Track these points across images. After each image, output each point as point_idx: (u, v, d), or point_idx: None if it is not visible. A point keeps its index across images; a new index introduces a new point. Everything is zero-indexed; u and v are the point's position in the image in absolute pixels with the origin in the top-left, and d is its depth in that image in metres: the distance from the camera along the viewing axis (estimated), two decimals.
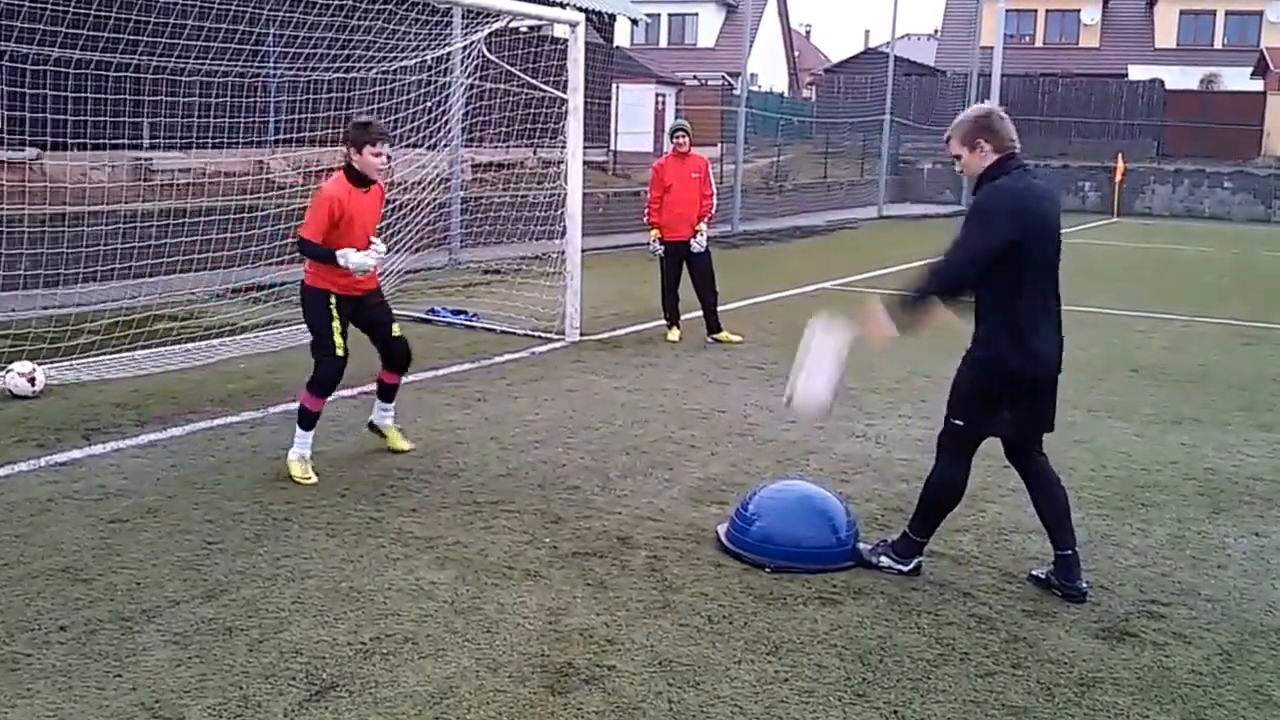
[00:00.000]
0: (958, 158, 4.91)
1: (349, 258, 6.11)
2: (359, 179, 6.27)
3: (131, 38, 10.51)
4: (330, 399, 6.88)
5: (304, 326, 6.52)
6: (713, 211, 11.03)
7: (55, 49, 9.78)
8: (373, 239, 6.34)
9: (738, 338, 10.94)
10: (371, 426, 6.91)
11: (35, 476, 6.12)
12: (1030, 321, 4.72)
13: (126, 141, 12.34)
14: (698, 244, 10.80)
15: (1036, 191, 4.79)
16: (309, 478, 6.14)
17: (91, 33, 9.77)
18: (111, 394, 7.94)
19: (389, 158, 6.47)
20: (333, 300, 6.24)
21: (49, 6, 9.71)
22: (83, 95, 10.35)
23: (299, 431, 6.27)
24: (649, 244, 11.10)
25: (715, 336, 10.91)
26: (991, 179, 4.78)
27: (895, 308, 4.68)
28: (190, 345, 9.36)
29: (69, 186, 11.37)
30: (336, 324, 6.24)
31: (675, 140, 10.94)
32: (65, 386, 8.04)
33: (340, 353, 6.25)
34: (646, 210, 11.10)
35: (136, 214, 11.00)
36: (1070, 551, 4.92)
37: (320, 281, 6.26)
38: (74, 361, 8.57)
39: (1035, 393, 4.86)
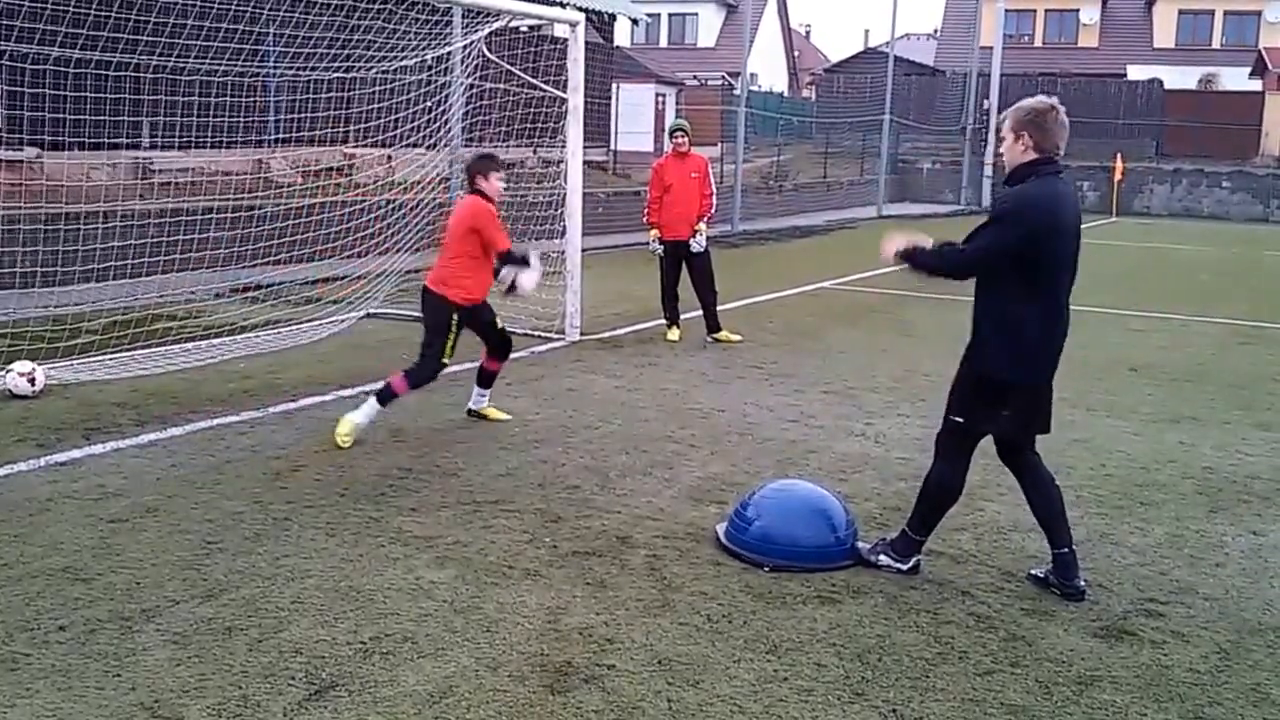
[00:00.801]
0: (1002, 140, 4.91)
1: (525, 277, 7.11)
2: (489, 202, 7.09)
3: (131, 37, 10.50)
4: (328, 398, 6.94)
5: (303, 326, 6.57)
6: (712, 211, 11.03)
7: (55, 48, 9.77)
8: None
9: (737, 337, 10.94)
10: (471, 413, 7.64)
11: (35, 476, 6.12)
12: (1031, 330, 4.73)
13: (126, 141, 12.33)
14: (697, 244, 10.80)
15: (1062, 201, 4.76)
16: (348, 441, 6.70)
17: (91, 32, 9.75)
18: (111, 394, 7.94)
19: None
20: (455, 316, 7.02)
21: (49, 6, 9.70)
22: (82, 95, 10.34)
23: (372, 402, 6.85)
24: (649, 244, 11.10)
25: (715, 336, 10.91)
26: (1022, 179, 4.76)
27: (912, 251, 4.90)
28: (190, 345, 9.35)
29: (69, 186, 11.37)
30: (453, 337, 7.04)
31: (675, 140, 10.94)
32: (65, 386, 8.04)
33: (447, 360, 7.04)
34: (646, 210, 11.10)
35: (136, 214, 10.99)
36: (1067, 550, 4.93)
37: (452, 293, 7.03)
38: (74, 361, 8.57)
39: (1031, 397, 4.87)
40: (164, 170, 14.09)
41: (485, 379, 7.66)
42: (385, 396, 6.89)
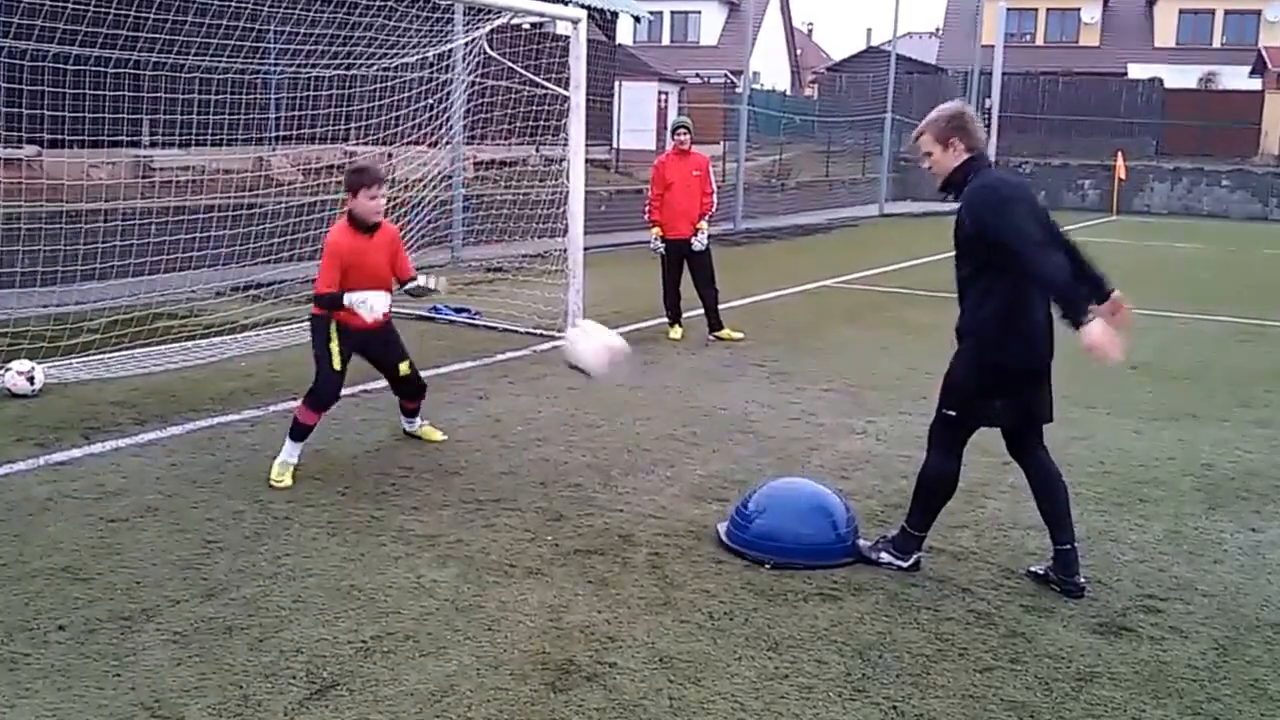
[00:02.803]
0: (928, 154, 4.90)
1: (355, 300, 6.24)
2: (361, 224, 6.39)
3: (131, 34, 10.50)
4: None
5: (304, 325, 6.55)
6: (713, 209, 11.03)
7: (54, 45, 9.77)
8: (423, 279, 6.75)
9: (739, 335, 10.94)
10: (407, 433, 7.14)
11: (34, 475, 6.12)
12: (1020, 310, 4.73)
13: (126, 139, 12.34)
14: (698, 242, 10.80)
15: (1016, 180, 4.94)
16: (283, 481, 6.07)
17: (91, 29, 9.75)
18: (111, 393, 7.94)
19: (387, 198, 6.54)
20: (333, 325, 6.34)
21: (48, 2, 9.70)
22: (82, 92, 10.34)
23: (289, 442, 6.25)
24: (650, 242, 11.10)
25: (717, 334, 10.91)
26: (963, 179, 4.80)
27: (1068, 295, 4.48)
28: (190, 344, 9.35)
29: (69, 184, 11.37)
30: (335, 345, 6.33)
31: (676, 137, 10.94)
32: (65, 385, 8.04)
33: (337, 367, 6.32)
34: (647, 208, 11.10)
35: (136, 212, 10.99)
36: (1069, 547, 4.93)
37: (323, 312, 6.38)
38: (73, 360, 8.57)
39: (1028, 382, 4.87)
40: (164, 168, 14.09)
41: (408, 412, 7.11)
42: (296, 431, 6.27)
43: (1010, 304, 4.72)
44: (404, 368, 6.78)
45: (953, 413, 4.93)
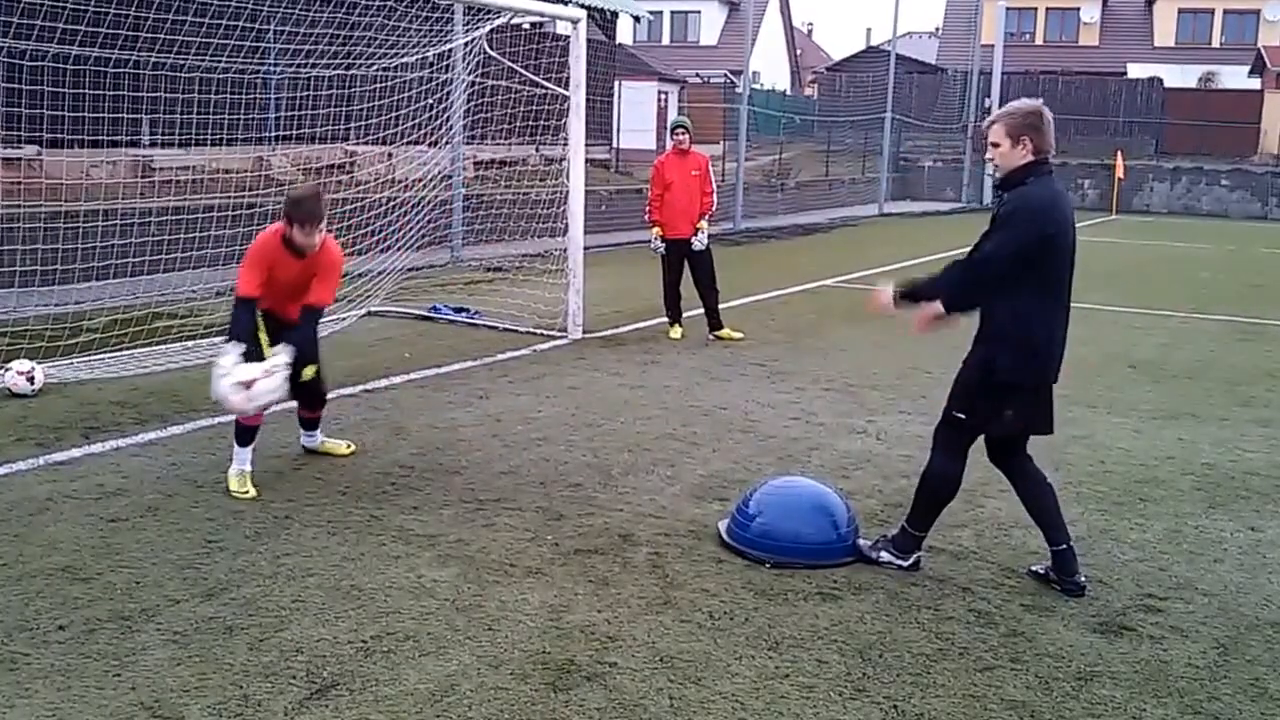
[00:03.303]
0: (995, 145, 4.84)
1: (229, 364, 5.67)
2: (294, 249, 5.95)
3: (131, 34, 10.50)
4: (330, 397, 6.91)
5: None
6: (713, 209, 11.03)
7: (54, 45, 9.77)
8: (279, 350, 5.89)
9: (739, 335, 10.94)
10: (306, 449, 6.66)
11: (34, 475, 6.12)
12: (1040, 331, 4.74)
13: (126, 138, 12.34)
14: (699, 242, 10.80)
15: (1061, 202, 4.81)
16: (247, 490, 5.86)
17: (91, 29, 9.75)
18: (111, 392, 7.94)
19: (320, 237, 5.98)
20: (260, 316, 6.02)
21: (48, 2, 9.70)
22: (82, 92, 10.34)
23: (236, 448, 5.99)
24: (650, 242, 11.09)
25: (716, 334, 10.91)
26: (1021, 181, 4.77)
27: (911, 288, 4.85)
28: (190, 343, 9.35)
29: (68, 184, 11.37)
30: (262, 332, 6.02)
31: (675, 136, 10.93)
32: (65, 385, 8.04)
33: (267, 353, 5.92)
34: (648, 208, 11.09)
35: (136, 211, 10.99)
36: (1065, 546, 4.93)
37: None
38: (73, 360, 8.57)
39: (1035, 395, 4.87)
40: (164, 168, 14.09)
41: (306, 423, 6.69)
42: (241, 435, 5.99)
43: (1026, 315, 4.72)
44: (309, 371, 6.02)
45: (962, 415, 4.93)
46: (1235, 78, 45.05)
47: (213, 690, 3.84)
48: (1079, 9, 50.94)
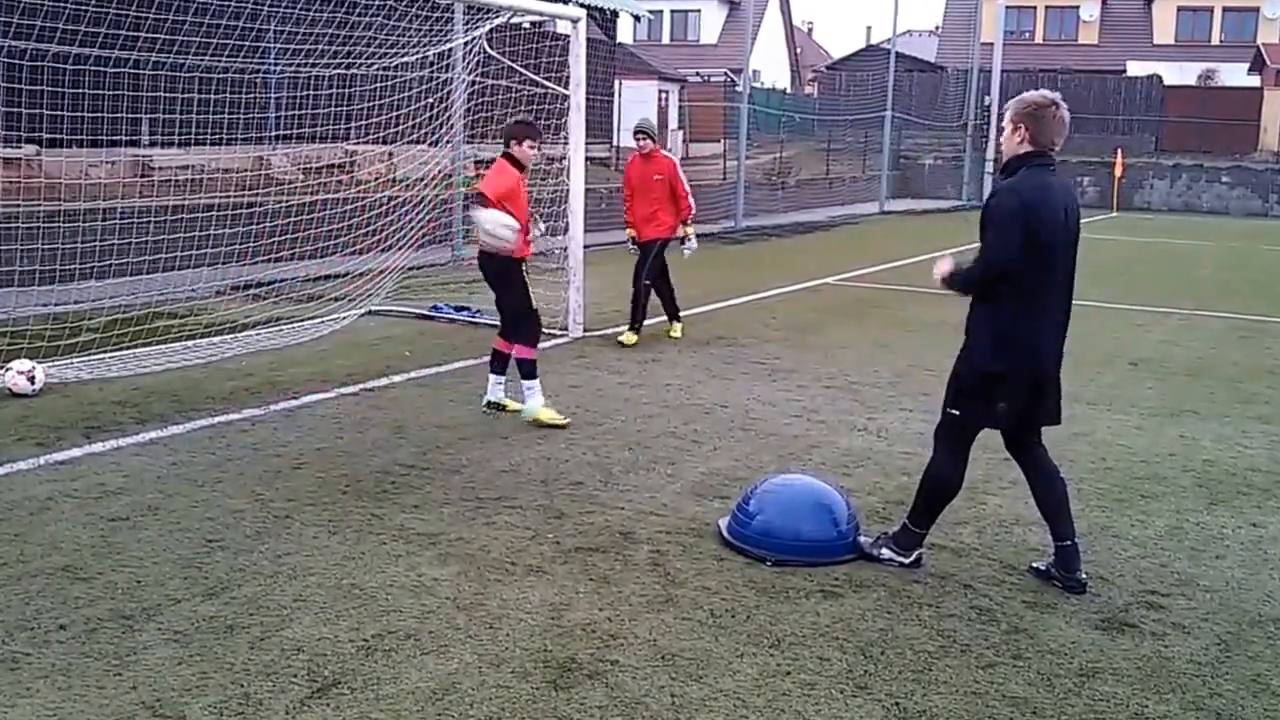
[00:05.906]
0: (1002, 130, 4.94)
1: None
2: (518, 165, 7.38)
3: (131, 33, 10.49)
4: (330, 396, 6.93)
5: (304, 324, 6.54)
6: (692, 212, 10.82)
7: (54, 45, 9.76)
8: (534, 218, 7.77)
9: (634, 340, 10.43)
10: (491, 405, 7.70)
11: (35, 475, 6.11)
12: (1018, 319, 4.73)
13: (126, 138, 12.32)
14: (688, 247, 10.78)
15: (1048, 192, 4.76)
16: (556, 417, 7.29)
17: (90, 28, 9.74)
18: (112, 392, 7.93)
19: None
20: (524, 265, 7.47)
21: (48, 2, 9.69)
22: (81, 91, 10.33)
23: (528, 383, 7.34)
24: (626, 243, 11.01)
25: (630, 329, 10.52)
26: (1013, 170, 4.79)
27: (956, 274, 4.90)
28: (190, 343, 9.34)
29: (68, 183, 11.36)
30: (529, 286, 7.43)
31: (636, 140, 10.79)
32: (65, 384, 8.03)
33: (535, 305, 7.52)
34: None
35: (136, 211, 10.99)
36: (1070, 543, 4.92)
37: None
38: (74, 359, 8.56)
39: (1029, 387, 4.85)
40: (164, 167, 14.09)
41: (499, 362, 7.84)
42: (528, 369, 7.36)
43: (1015, 308, 4.72)
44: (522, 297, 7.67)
45: (956, 411, 4.93)
46: (1235, 75, 45.06)
47: (214, 689, 3.84)
48: (1078, 7, 50.96)
